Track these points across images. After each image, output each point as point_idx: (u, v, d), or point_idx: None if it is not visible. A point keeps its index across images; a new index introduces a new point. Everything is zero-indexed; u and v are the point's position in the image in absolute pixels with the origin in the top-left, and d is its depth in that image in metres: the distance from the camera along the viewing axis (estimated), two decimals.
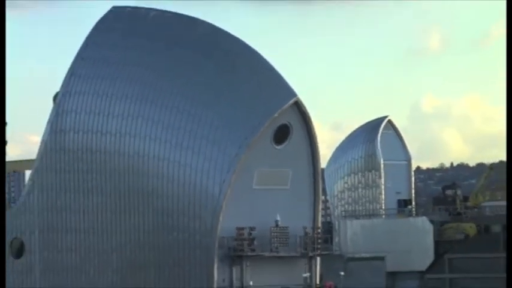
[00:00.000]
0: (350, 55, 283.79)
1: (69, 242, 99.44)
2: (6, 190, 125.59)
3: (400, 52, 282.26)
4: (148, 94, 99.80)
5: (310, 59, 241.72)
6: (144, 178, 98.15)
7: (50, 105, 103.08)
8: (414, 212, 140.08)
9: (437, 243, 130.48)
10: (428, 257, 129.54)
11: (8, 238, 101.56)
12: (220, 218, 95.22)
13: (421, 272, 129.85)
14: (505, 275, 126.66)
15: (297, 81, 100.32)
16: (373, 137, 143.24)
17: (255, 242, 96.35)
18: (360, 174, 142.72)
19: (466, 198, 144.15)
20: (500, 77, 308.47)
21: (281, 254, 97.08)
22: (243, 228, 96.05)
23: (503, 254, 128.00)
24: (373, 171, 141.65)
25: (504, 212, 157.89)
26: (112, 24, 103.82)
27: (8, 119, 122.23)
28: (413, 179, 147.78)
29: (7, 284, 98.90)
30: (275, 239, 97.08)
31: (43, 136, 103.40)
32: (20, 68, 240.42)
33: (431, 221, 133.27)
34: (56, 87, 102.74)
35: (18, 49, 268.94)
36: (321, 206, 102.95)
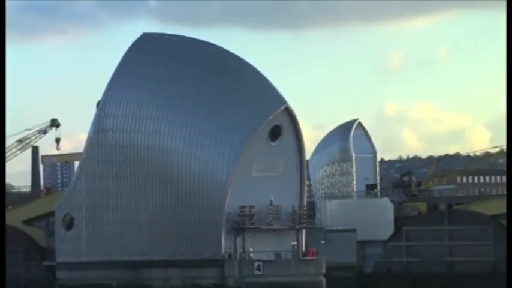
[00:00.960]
0: (330, 70, 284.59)
1: (109, 218, 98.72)
2: (59, 177, 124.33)
3: (369, 68, 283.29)
4: (171, 102, 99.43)
5: (298, 73, 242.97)
6: (166, 167, 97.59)
7: (93, 110, 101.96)
8: (379, 194, 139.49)
9: (396, 218, 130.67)
10: (390, 229, 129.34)
11: (61, 215, 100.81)
12: (227, 199, 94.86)
13: (384, 241, 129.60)
14: (449, 242, 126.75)
15: (287, 91, 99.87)
16: (347, 136, 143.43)
17: (254, 218, 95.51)
18: (336, 164, 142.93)
19: (419, 183, 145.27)
20: (446, 89, 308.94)
21: (274, 226, 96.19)
22: (244, 207, 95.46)
23: (448, 227, 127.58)
24: (347, 162, 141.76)
25: (448, 193, 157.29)
26: (142, 46, 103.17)
27: (61, 121, 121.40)
28: (378, 168, 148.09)
29: (62, 249, 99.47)
30: (270, 215, 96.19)
31: (88, 134, 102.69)
32: (72, 82, 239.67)
33: (392, 201, 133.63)
34: (98, 96, 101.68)
35: (70, 67, 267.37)
36: (305, 189, 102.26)
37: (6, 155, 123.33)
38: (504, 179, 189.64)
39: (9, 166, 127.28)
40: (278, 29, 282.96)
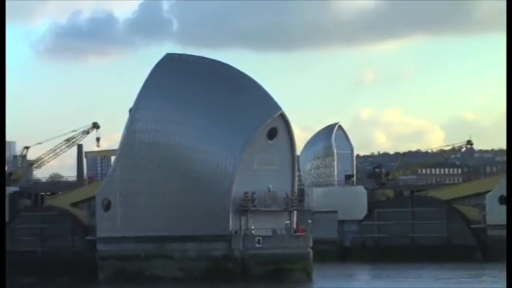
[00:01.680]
0: (316, 83, 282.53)
1: (138, 201, 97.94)
2: (99, 169, 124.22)
3: (347, 82, 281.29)
4: (188, 109, 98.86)
5: (291, 85, 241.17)
6: (184, 161, 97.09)
7: (126, 115, 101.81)
8: (355, 183, 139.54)
9: (369, 202, 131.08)
10: (364, 211, 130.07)
11: (101, 199, 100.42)
12: (233, 186, 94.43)
13: (359, 220, 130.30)
14: (411, 221, 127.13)
15: (282, 100, 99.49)
16: (329, 136, 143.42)
17: (255, 201, 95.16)
18: (321, 159, 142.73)
19: (387, 174, 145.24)
20: (409, 99, 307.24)
21: (272, 209, 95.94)
22: (247, 193, 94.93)
23: (411, 209, 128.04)
24: (329, 157, 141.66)
25: (411, 182, 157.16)
26: (166, 65, 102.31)
27: (101, 124, 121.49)
28: (354, 162, 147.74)
29: (102, 226, 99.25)
30: (268, 200, 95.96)
31: (122, 134, 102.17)
32: (110, 93, 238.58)
33: (366, 188, 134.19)
34: (130, 104, 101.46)
35: (109, 80, 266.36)
36: (296, 179, 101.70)
37: (57, 151, 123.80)
38: (455, 170, 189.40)
39: (58, 160, 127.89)
40: (275, 51, 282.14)
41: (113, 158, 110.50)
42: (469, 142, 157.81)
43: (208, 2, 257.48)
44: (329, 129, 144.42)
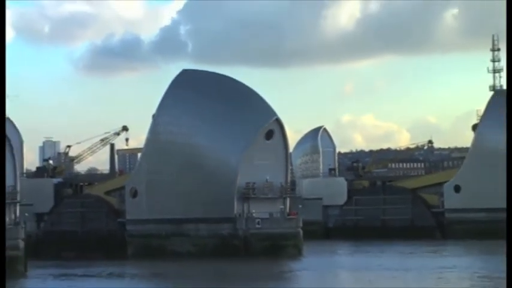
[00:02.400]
0: (304, 94, 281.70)
1: (160, 190, 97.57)
2: (128, 164, 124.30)
3: (331, 92, 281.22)
4: (200, 115, 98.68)
5: (284, 96, 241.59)
6: (197, 157, 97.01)
7: (150, 120, 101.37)
8: (337, 175, 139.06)
9: (349, 190, 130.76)
10: (344, 198, 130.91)
11: (129, 188, 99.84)
12: (237, 178, 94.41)
13: (341, 205, 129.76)
14: (382, 206, 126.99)
15: (277, 107, 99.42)
16: (316, 136, 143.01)
17: (255, 190, 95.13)
18: (309, 155, 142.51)
19: (363, 168, 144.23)
20: (381, 107, 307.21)
21: (269, 196, 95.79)
22: (249, 183, 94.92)
23: (382, 196, 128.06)
24: (316, 154, 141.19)
25: (383, 174, 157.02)
26: (183, 78, 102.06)
27: (129, 126, 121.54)
28: (336, 158, 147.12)
29: (130, 211, 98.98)
30: (266, 189, 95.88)
31: (147, 135, 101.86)
32: (138, 101, 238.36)
33: (346, 179, 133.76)
34: (153, 110, 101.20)
35: (137, 92, 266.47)
36: (289, 172, 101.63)
37: (93, 149, 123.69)
38: (418, 165, 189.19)
39: (94, 156, 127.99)
40: (272, 67, 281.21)
41: (139, 155, 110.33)
42: (430, 141, 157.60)
43: (216, 28, 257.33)
44: (315, 131, 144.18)
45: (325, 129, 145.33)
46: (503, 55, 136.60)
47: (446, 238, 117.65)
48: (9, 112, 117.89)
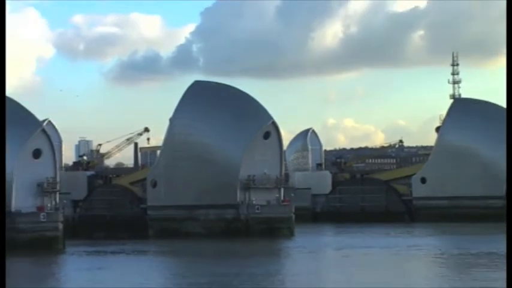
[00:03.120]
0: (296, 101, 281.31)
1: (175, 181, 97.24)
2: (149, 159, 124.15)
3: (317, 100, 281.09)
4: (210, 118, 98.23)
5: (279, 102, 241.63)
6: (207, 154, 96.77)
7: (167, 123, 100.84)
8: (323, 169, 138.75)
9: (333, 182, 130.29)
10: (329, 188, 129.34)
11: (150, 179, 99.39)
12: (240, 171, 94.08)
13: (326, 194, 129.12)
14: (361, 195, 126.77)
15: (273, 112, 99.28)
16: (305, 137, 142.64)
17: (255, 181, 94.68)
18: (300, 152, 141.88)
19: (345, 163, 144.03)
20: (360, 112, 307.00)
21: (266, 186, 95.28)
22: (250, 175, 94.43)
23: (361, 187, 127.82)
24: (306, 151, 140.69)
25: (361, 168, 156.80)
26: (195, 88, 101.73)
27: (150, 128, 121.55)
28: (323, 154, 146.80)
29: (150, 198, 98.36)
30: (264, 180, 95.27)
31: (165, 136, 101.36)
32: (157, 107, 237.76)
33: (331, 172, 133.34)
34: (170, 114, 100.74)
35: (157, 98, 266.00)
36: (283, 166, 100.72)
37: (120, 147, 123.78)
38: (391, 160, 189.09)
39: (121, 153, 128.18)
40: (269, 79, 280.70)
41: (158, 152, 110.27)
42: (401, 141, 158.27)
43: (223, 46, 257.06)
44: (305, 132, 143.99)
45: (313, 131, 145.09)
46: (461, 69, 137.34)
47: (414, 221, 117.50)
48: (50, 116, 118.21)
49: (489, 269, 56.93)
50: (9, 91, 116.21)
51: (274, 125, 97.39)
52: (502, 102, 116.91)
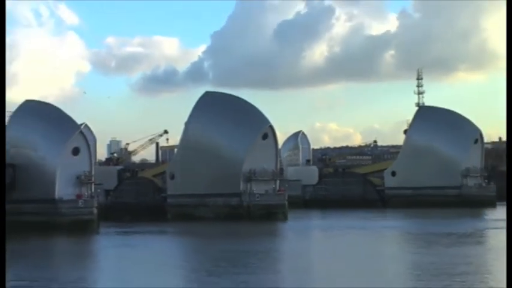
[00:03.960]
0: (288, 109, 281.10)
1: (190, 173, 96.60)
2: (168, 156, 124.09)
3: (306, 108, 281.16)
4: (218, 123, 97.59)
5: (275, 110, 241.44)
6: (217, 151, 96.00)
7: (183, 126, 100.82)
8: (311, 164, 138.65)
9: (319, 175, 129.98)
10: (316, 180, 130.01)
11: (169, 172, 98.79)
12: (243, 166, 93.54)
13: (314, 185, 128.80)
14: (342, 186, 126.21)
15: (270, 116, 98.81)
16: (297, 137, 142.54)
17: (256, 174, 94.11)
18: (292, 151, 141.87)
19: (330, 159, 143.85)
20: (342, 117, 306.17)
21: (265, 178, 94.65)
22: (251, 169, 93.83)
23: (342, 179, 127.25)
24: (296, 149, 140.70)
25: (343, 164, 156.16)
26: (205, 97, 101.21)
27: (169, 130, 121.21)
28: (311, 152, 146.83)
29: (170, 188, 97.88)
30: (263, 173, 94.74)
31: (181, 136, 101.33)
32: (175, 113, 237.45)
33: (317, 167, 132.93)
34: (185, 119, 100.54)
35: (175, 107, 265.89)
36: (278, 162, 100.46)
37: (144, 146, 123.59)
38: (367, 157, 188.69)
39: (145, 151, 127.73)
40: (267, 90, 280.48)
41: (175, 150, 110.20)
42: (375, 141, 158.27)
43: (229, 62, 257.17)
44: (296, 134, 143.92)
45: (303, 133, 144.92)
46: (425, 82, 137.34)
47: (386, 207, 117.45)
48: (86, 120, 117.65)
49: (448, 246, 56.93)
50: (52, 100, 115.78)
51: (271, 128, 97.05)
52: (459, 109, 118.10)
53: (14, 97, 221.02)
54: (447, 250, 53.72)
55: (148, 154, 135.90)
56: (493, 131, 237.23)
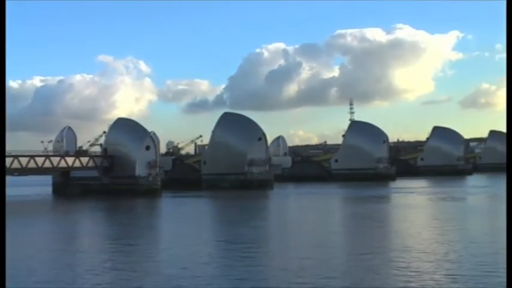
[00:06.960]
0: (275, 122, 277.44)
1: (215, 161, 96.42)
2: (202, 150, 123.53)
3: (287, 122, 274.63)
4: (232, 132, 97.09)
5: (269, 124, 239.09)
6: (230, 149, 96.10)
7: (210, 133, 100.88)
8: (288, 155, 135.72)
9: (292, 162, 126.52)
10: (290, 164, 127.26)
11: (203, 160, 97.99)
12: (247, 156, 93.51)
13: (289, 167, 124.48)
14: (306, 169, 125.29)
15: (264, 127, 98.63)
16: (278, 140, 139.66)
17: (254, 161, 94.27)
18: (276, 147, 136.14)
19: (298, 153, 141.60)
20: (305, 127, 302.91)
21: (259, 164, 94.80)
22: (251, 158, 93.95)
23: (306, 164, 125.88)
24: (278, 146, 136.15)
25: (306, 155, 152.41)
26: (224, 116, 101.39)
27: (203, 135, 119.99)
28: (287, 148, 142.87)
29: (203, 170, 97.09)
30: (259, 161, 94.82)
31: (210, 139, 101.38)
32: (204, 126, 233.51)
33: (291, 157, 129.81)
34: (211, 128, 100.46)
35: (203, 122, 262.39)
36: (268, 154, 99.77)
37: (188, 144, 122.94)
38: (320, 151, 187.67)
39: (188, 148, 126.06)
40: (262, 111, 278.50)
41: (206, 147, 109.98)
42: (325, 142, 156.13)
43: (238, 94, 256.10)
44: (278, 137, 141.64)
45: (282, 137, 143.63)
46: (355, 107, 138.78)
47: (332, 181, 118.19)
48: (154, 129, 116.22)
49: (373, 203, 58.74)
50: (134, 117, 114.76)
51: (263, 134, 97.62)
52: (374, 123, 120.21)
53: (112, 116, 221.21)
54: (369, 205, 55.61)
55: (191, 149, 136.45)
56: (394, 135, 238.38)
